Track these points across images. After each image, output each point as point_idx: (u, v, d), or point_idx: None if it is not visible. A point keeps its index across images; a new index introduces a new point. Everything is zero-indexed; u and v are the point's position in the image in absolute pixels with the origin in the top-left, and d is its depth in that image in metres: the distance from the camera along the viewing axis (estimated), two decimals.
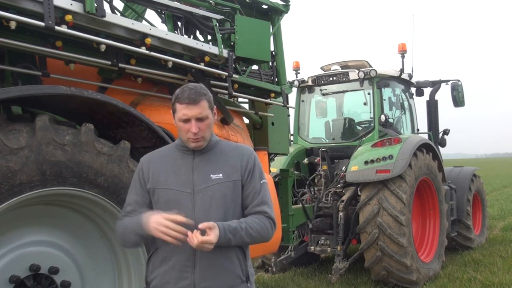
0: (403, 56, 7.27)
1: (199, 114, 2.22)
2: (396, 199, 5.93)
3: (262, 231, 2.29)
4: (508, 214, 12.96)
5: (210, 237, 2.08)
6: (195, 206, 2.25)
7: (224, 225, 2.17)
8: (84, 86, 3.14)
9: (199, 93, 2.24)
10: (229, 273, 2.28)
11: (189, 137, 2.25)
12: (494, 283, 5.97)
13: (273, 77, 4.84)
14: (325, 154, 7.12)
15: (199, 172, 2.30)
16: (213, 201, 2.26)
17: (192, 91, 2.23)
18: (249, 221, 2.26)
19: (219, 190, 2.28)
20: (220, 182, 2.29)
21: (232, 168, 2.33)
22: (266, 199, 2.36)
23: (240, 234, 2.20)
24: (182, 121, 2.24)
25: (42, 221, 2.94)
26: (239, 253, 2.32)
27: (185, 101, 2.21)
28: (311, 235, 6.64)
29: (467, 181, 8.20)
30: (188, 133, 2.24)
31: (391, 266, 5.92)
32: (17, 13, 2.74)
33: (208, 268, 2.23)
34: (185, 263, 2.24)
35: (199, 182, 2.28)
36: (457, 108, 8.24)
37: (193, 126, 2.22)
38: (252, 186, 2.34)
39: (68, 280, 2.91)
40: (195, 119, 2.22)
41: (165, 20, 3.98)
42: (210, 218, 2.21)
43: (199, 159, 2.33)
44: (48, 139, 2.65)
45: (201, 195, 2.26)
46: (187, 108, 2.21)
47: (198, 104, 2.22)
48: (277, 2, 4.85)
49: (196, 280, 2.23)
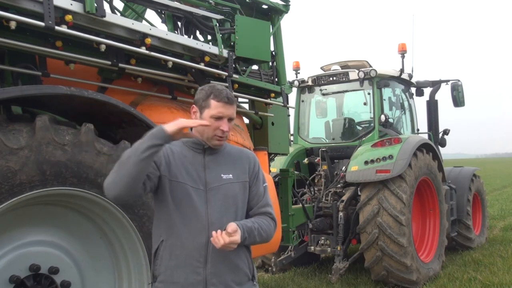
0: (403, 56, 7.27)
1: (232, 115, 2.34)
2: (396, 199, 5.93)
3: (269, 231, 2.40)
4: (508, 214, 12.96)
5: (236, 238, 2.16)
6: (208, 203, 2.30)
7: (242, 224, 2.26)
8: (84, 86, 3.14)
9: (233, 96, 2.37)
10: (239, 270, 2.34)
11: (217, 134, 2.31)
12: (494, 283, 5.97)
13: (273, 77, 4.84)
14: (325, 154, 7.12)
15: (211, 171, 2.35)
16: (226, 199, 2.33)
17: (228, 92, 2.34)
18: (259, 222, 2.36)
19: (230, 190, 2.35)
20: (230, 182, 2.36)
21: (241, 170, 2.42)
22: (269, 201, 2.48)
23: (254, 233, 2.30)
24: (214, 118, 2.30)
25: (42, 221, 2.94)
26: (246, 251, 2.40)
27: (224, 99, 2.29)
28: (311, 235, 6.63)
29: (467, 181, 8.20)
30: (216, 130, 2.30)
31: (391, 266, 5.92)
32: (17, 13, 2.75)
33: (219, 264, 2.28)
34: (197, 258, 2.26)
35: (211, 180, 2.33)
36: (457, 108, 8.25)
37: (225, 125, 2.30)
38: (257, 189, 2.45)
39: (68, 280, 2.91)
40: (227, 118, 2.31)
41: (165, 20, 3.98)
42: (223, 216, 2.29)
43: (209, 158, 2.38)
44: (48, 139, 2.65)
45: (213, 192, 2.32)
46: (224, 107, 2.29)
47: (233, 105, 2.33)
48: (277, 2, 4.85)
49: (208, 275, 2.26)
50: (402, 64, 7.37)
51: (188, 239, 2.26)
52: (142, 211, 3.08)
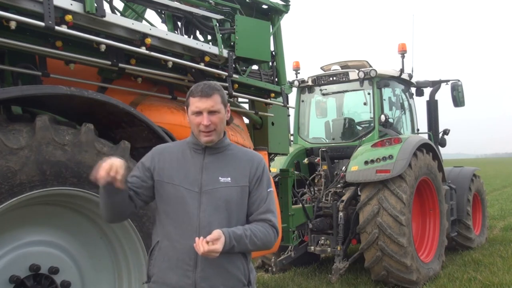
0: (403, 56, 7.27)
1: (212, 107, 2.25)
2: (396, 199, 5.93)
3: (266, 239, 2.30)
4: (508, 214, 12.96)
5: (217, 246, 2.09)
6: (201, 205, 2.26)
7: (230, 232, 2.18)
8: (84, 86, 3.14)
9: (213, 88, 2.28)
10: (230, 275, 2.28)
11: (201, 130, 2.26)
12: (494, 283, 5.97)
13: (273, 77, 4.84)
14: (325, 154, 7.12)
15: (208, 173, 2.31)
16: (219, 203, 2.26)
17: (206, 86, 2.28)
18: (253, 229, 2.27)
19: (226, 194, 2.28)
20: (228, 186, 2.29)
21: (241, 174, 2.34)
22: (271, 207, 2.37)
23: (245, 241, 2.22)
24: (194, 114, 2.27)
25: (42, 221, 2.94)
26: (242, 257, 2.33)
27: (198, 94, 2.25)
28: (311, 235, 6.63)
29: (467, 181, 8.20)
30: (199, 125, 2.26)
31: (391, 266, 5.92)
32: (17, 13, 2.74)
33: (209, 268, 2.23)
34: (187, 261, 2.24)
35: (207, 182, 2.29)
36: (457, 108, 8.25)
37: (204, 118, 2.24)
38: (259, 194, 2.35)
39: (68, 280, 2.91)
40: (207, 112, 2.25)
41: (165, 20, 3.98)
42: (213, 220, 2.23)
43: (209, 159, 2.33)
44: (48, 139, 2.65)
45: (207, 196, 2.27)
46: (200, 101, 2.24)
47: (210, 97, 2.25)
48: (277, 2, 4.84)
49: (197, 279, 2.23)
50: (402, 64, 7.37)
51: (179, 242, 2.25)
52: (142, 211, 3.08)
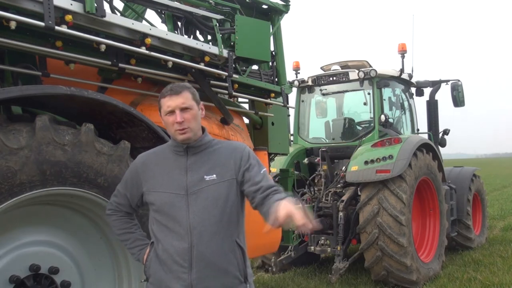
0: (403, 56, 7.28)
1: (183, 104, 2.26)
2: (396, 199, 5.93)
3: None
4: (508, 214, 12.95)
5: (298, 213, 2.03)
6: (190, 208, 2.26)
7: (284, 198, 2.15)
8: (84, 86, 3.14)
9: (182, 86, 2.31)
10: (227, 273, 2.27)
11: (176, 128, 2.27)
12: (494, 283, 5.97)
13: (273, 77, 4.84)
14: (325, 154, 7.12)
15: (193, 173, 2.30)
16: (208, 202, 2.26)
17: (175, 85, 2.31)
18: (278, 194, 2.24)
19: (214, 191, 2.28)
20: (214, 183, 2.29)
21: (226, 168, 2.33)
22: (271, 183, 2.33)
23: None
24: (167, 114, 2.28)
25: (42, 221, 2.94)
26: (237, 253, 2.32)
27: (168, 93, 2.28)
28: (311, 235, 6.63)
29: (467, 181, 8.20)
30: (174, 124, 2.27)
31: (391, 266, 5.92)
32: (17, 13, 2.74)
33: (205, 269, 2.23)
34: (181, 264, 2.24)
35: (193, 183, 2.28)
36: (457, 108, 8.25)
37: (177, 115, 2.25)
38: (254, 174, 2.32)
39: (68, 280, 2.91)
40: (179, 109, 2.26)
41: (165, 20, 3.98)
42: (204, 220, 2.23)
43: (192, 160, 2.33)
44: (48, 139, 2.65)
45: (195, 196, 2.27)
46: (170, 100, 2.26)
47: (180, 95, 2.26)
48: (277, 2, 4.84)
49: (193, 281, 2.23)
50: (402, 64, 7.38)
51: (172, 245, 2.25)
52: (142, 211, 3.07)
